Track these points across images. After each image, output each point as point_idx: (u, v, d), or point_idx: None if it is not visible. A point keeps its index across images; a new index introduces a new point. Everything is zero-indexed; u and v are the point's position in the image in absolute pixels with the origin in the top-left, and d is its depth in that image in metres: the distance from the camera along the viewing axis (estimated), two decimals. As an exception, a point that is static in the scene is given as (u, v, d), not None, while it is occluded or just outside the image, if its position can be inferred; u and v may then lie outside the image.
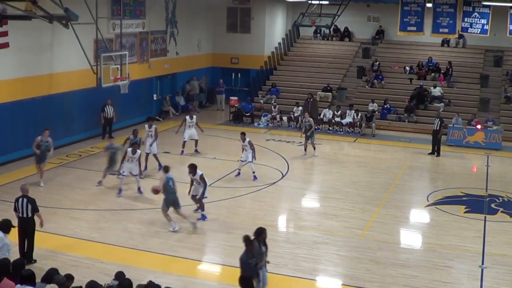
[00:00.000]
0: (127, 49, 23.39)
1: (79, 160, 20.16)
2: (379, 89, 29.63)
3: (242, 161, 18.88)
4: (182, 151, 21.21)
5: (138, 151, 16.67)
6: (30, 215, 11.88)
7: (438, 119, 23.05)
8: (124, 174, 16.57)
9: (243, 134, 19.01)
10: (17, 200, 11.99)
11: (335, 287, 12.10)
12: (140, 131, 18.97)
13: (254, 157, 18.70)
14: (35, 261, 12.02)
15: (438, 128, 22.78)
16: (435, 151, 22.86)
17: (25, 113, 19.85)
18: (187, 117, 21.33)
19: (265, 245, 10.57)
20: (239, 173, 19.10)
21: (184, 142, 21.18)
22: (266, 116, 28.01)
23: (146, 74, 26.88)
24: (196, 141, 21.38)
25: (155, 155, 19.11)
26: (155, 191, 14.45)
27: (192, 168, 14.64)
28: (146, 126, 19.47)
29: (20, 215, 11.89)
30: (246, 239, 10.22)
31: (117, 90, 21.58)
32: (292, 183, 18.76)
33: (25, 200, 11.90)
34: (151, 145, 18.97)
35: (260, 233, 10.48)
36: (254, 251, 10.14)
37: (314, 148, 21.87)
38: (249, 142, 18.74)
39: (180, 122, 21.71)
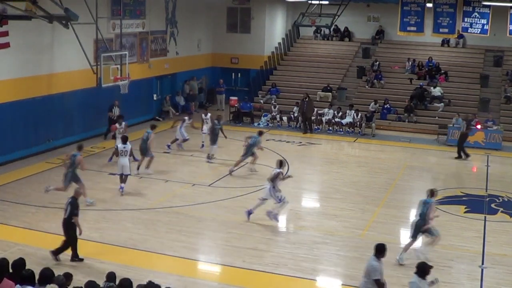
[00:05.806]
0: (127, 49, 23.39)
1: (79, 160, 20.10)
2: (379, 89, 29.62)
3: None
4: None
5: None
6: (67, 216, 12.15)
7: (464, 121, 22.86)
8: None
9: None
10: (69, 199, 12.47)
11: (335, 287, 12.11)
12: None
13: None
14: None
15: (464, 130, 22.61)
16: (464, 154, 22.48)
17: (25, 113, 19.84)
18: (186, 118, 22.27)
19: None
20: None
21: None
22: (266, 116, 28.00)
23: (146, 74, 26.88)
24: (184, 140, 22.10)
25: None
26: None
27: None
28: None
29: (63, 214, 12.29)
30: None
31: (117, 90, 21.58)
32: (292, 183, 18.72)
33: (68, 201, 12.28)
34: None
35: None
36: None
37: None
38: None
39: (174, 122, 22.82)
